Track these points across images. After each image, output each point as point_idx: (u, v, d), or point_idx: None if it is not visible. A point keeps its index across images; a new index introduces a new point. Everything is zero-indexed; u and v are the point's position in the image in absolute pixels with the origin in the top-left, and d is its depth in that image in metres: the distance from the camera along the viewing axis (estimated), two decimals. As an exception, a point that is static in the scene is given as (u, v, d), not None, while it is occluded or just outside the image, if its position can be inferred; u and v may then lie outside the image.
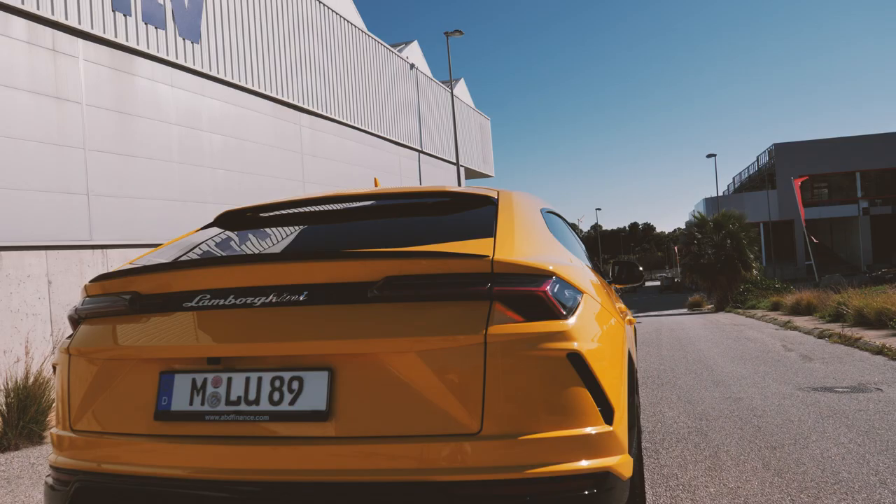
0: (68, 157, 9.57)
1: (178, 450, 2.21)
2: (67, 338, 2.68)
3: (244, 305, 2.23)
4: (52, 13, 9.49)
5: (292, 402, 2.10)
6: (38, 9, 9.27)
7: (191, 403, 2.21)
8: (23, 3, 9.07)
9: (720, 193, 58.39)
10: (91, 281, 2.60)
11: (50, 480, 2.49)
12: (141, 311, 2.41)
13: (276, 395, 2.12)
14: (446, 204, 3.11)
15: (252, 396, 2.15)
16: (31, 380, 6.56)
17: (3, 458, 6.00)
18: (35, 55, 9.27)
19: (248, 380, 2.17)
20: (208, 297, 2.29)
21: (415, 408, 2.04)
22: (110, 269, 2.87)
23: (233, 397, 2.17)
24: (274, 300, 2.21)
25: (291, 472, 2.08)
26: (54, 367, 2.68)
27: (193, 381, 2.23)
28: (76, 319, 2.68)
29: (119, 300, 2.46)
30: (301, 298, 2.20)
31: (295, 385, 2.12)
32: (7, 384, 6.51)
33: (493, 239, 2.34)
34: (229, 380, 2.19)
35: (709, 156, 51.43)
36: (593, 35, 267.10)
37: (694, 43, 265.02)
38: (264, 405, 2.13)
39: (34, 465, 5.62)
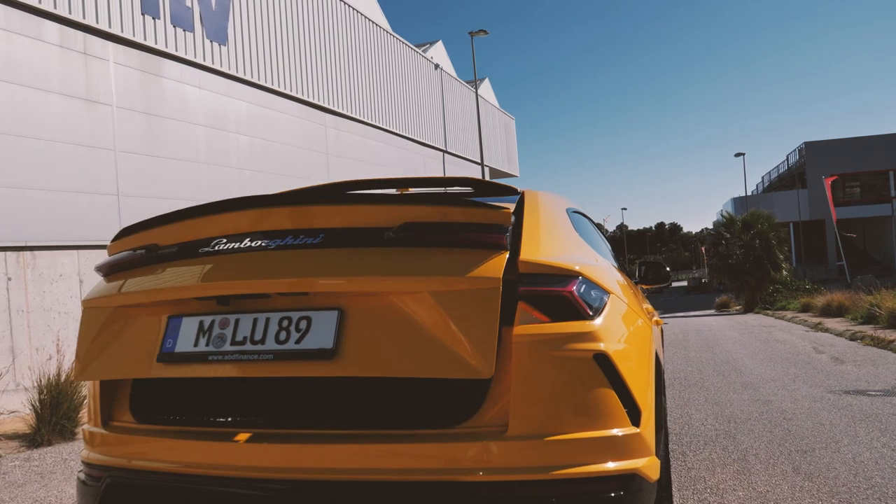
0: (99, 158, 9.72)
1: (207, 447, 2.24)
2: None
3: (260, 248, 2.22)
4: (84, 17, 9.66)
5: (298, 341, 2.08)
6: (69, 13, 9.44)
7: (195, 345, 2.20)
8: (55, 7, 9.24)
9: (749, 193, 57.67)
10: (112, 241, 2.63)
11: (82, 476, 2.53)
12: (157, 261, 2.42)
13: (283, 335, 2.10)
14: (469, 192, 3.11)
15: (258, 336, 2.12)
16: (62, 377, 6.68)
17: (37, 453, 6.11)
18: (67, 59, 9.44)
19: (255, 321, 2.15)
20: (224, 241, 2.29)
21: (424, 349, 2.00)
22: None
23: (238, 337, 2.15)
24: (290, 242, 2.20)
25: (318, 470, 2.09)
26: (86, 365, 2.72)
27: (201, 323, 2.22)
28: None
29: (136, 253, 2.48)
30: (317, 241, 2.19)
31: (303, 325, 2.10)
32: (40, 381, 6.63)
33: (514, 205, 2.25)
34: (237, 321, 2.17)
35: (737, 155, 50.83)
36: (619, 33, 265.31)
37: (722, 41, 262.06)
38: (270, 344, 2.10)
39: (66, 461, 5.72)
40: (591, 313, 2.14)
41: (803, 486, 3.99)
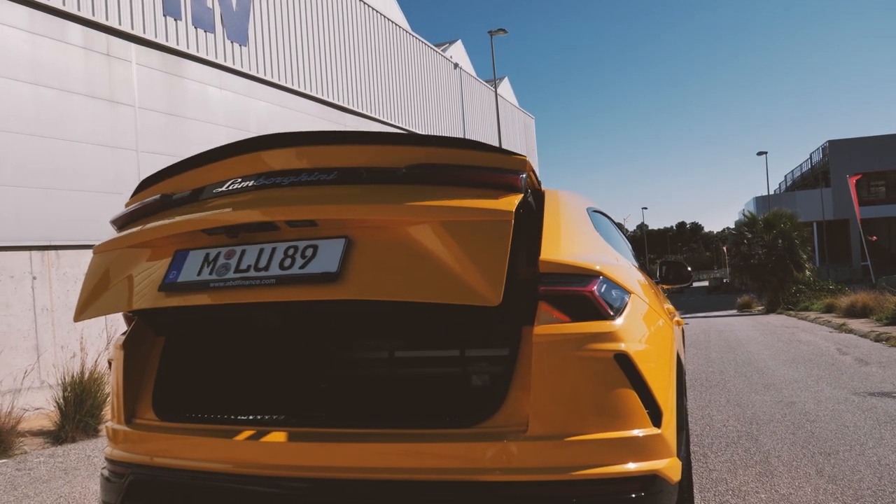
0: (121, 158, 9.84)
1: (228, 445, 2.25)
2: (122, 334, 2.75)
3: (273, 185, 2.21)
4: (107, 18, 9.78)
5: (303, 266, 2.05)
6: (93, 14, 9.56)
7: (199, 274, 2.17)
8: (79, 9, 9.36)
9: (771, 192, 57.02)
10: (130, 196, 2.65)
11: (105, 472, 2.56)
12: (170, 206, 2.43)
13: (288, 262, 2.07)
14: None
15: (263, 264, 2.10)
16: (86, 375, 6.77)
17: (61, 449, 6.20)
18: (90, 60, 9.56)
19: (261, 250, 2.13)
20: (239, 181, 2.29)
21: (431, 275, 1.95)
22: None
23: (243, 266, 2.12)
24: (304, 179, 2.19)
25: (339, 469, 2.10)
26: (109, 363, 2.76)
27: (206, 255, 2.21)
28: (130, 317, 2.76)
29: (149, 202, 2.50)
30: (330, 178, 2.18)
31: (308, 252, 2.07)
32: (64, 379, 6.72)
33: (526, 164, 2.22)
34: (243, 251, 2.15)
35: (759, 153, 50.30)
36: (641, 33, 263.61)
37: (745, 40, 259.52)
38: (273, 270, 2.07)
39: (90, 458, 5.79)
40: (611, 313, 2.13)
41: (827, 489, 3.93)
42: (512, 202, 2.02)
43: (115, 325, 9.09)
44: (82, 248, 9.01)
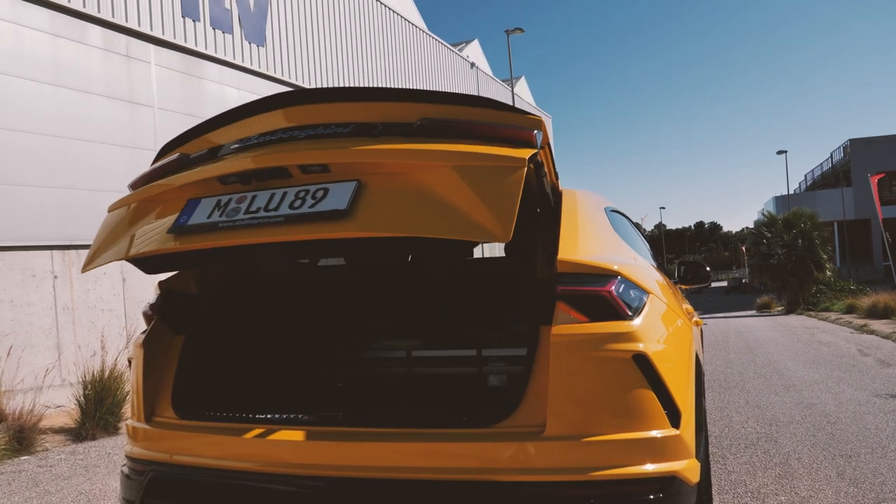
0: (141, 158, 9.92)
1: (246, 443, 2.27)
2: (142, 332, 2.78)
3: (290, 139, 2.23)
4: (126, 20, 9.88)
5: (312, 206, 2.03)
6: (112, 16, 9.66)
7: (208, 217, 2.17)
8: (99, 10, 9.46)
9: (791, 191, 56.41)
10: (151, 163, 2.68)
11: (126, 470, 2.59)
12: (187, 166, 2.44)
13: (298, 203, 2.06)
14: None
15: (273, 205, 2.09)
16: (106, 373, 6.84)
17: (82, 447, 6.27)
18: (110, 61, 9.66)
19: (272, 194, 2.12)
20: (256, 137, 2.31)
21: (441, 213, 1.93)
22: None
23: (253, 208, 2.12)
24: (321, 132, 2.21)
25: (357, 468, 2.10)
26: (129, 362, 2.78)
27: (218, 201, 2.21)
28: (150, 316, 2.78)
29: (167, 163, 2.51)
30: (346, 130, 2.19)
31: (319, 194, 2.06)
32: (84, 377, 6.80)
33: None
34: (254, 196, 2.15)
35: (779, 152, 49.73)
36: (657, 30, 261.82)
37: (763, 36, 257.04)
38: (283, 210, 2.06)
39: (110, 455, 5.85)
40: (630, 313, 2.12)
41: (848, 492, 3.89)
42: (526, 152, 2.01)
43: (135, 324, 9.18)
44: (102, 248, 9.11)
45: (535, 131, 2.09)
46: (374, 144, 2.10)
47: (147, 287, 9.48)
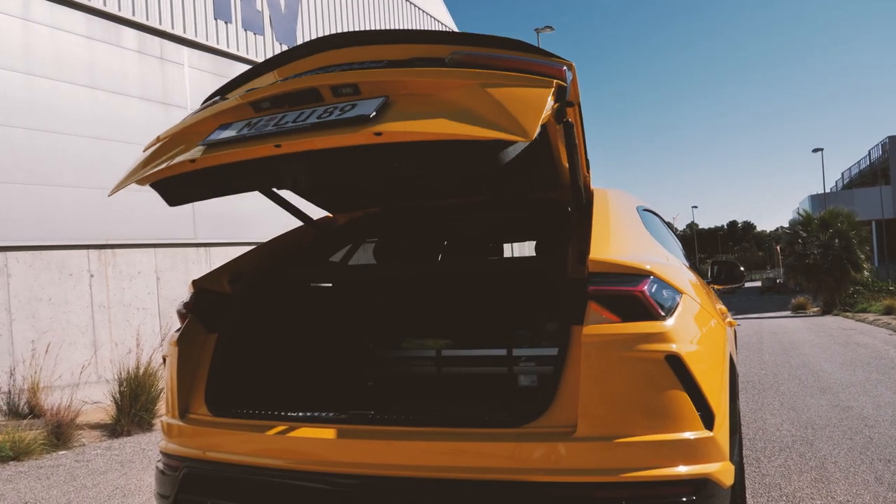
0: (175, 159, 10.08)
1: (278, 441, 2.29)
2: (176, 330, 2.82)
3: (324, 71, 2.28)
4: (160, 23, 10.03)
5: (340, 114, 2.06)
6: (147, 19, 9.82)
7: (238, 132, 2.20)
8: (133, 14, 9.63)
9: (828, 190, 55.35)
10: None
11: (160, 466, 2.62)
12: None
13: (326, 115, 2.09)
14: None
15: (302, 119, 2.12)
16: (141, 370, 6.96)
17: (117, 442, 6.38)
18: (145, 63, 9.82)
19: (301, 112, 2.15)
20: (293, 76, 2.35)
21: (467, 115, 1.94)
22: (213, 269, 3.00)
23: (282, 122, 2.15)
24: (356, 67, 2.25)
25: (387, 466, 2.11)
26: (164, 359, 2.83)
27: (249, 121, 2.24)
28: (183, 314, 2.82)
29: (205, 105, 2.56)
30: (381, 64, 2.23)
31: (347, 108, 2.08)
32: (120, 374, 6.92)
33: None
34: (284, 115, 2.18)
35: (815, 150, 48.89)
36: (690, 24, 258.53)
37: (800, 32, 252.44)
38: (311, 121, 2.09)
39: (144, 451, 5.95)
40: (662, 313, 2.09)
41: (887, 497, 3.80)
42: (554, 81, 2.02)
43: (169, 322, 9.32)
44: (138, 247, 9.26)
45: (565, 68, 2.10)
46: (405, 71, 2.16)
47: (180, 287, 9.63)
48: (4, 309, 7.76)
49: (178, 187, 2.52)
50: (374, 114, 1.99)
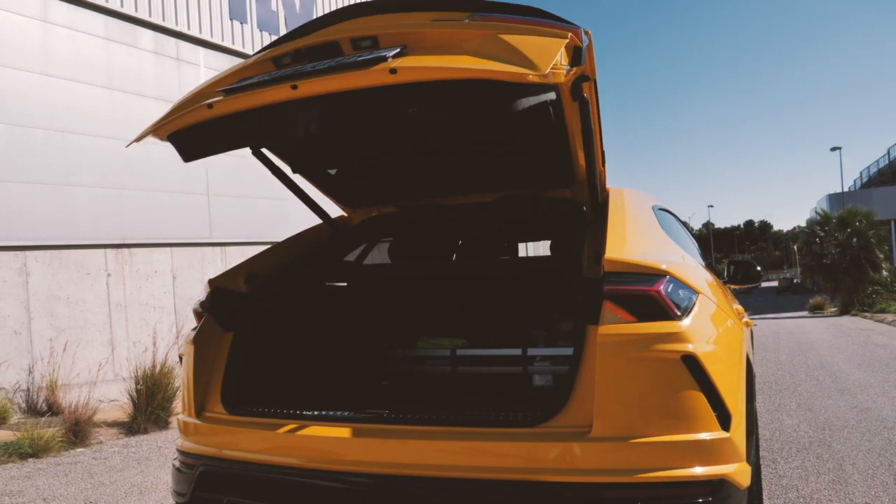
0: (191, 159, 10.14)
1: (293, 439, 2.30)
2: (192, 329, 2.84)
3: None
4: (176, 24, 10.11)
5: (356, 58, 2.10)
6: (163, 20, 9.90)
7: (258, 78, 2.26)
8: (150, 15, 9.70)
9: (846, 189, 54.77)
10: None
11: (177, 463, 2.64)
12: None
13: (345, 60, 2.13)
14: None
15: (322, 64, 2.15)
16: (157, 369, 7.01)
17: (134, 440, 6.44)
18: (161, 64, 9.89)
19: (320, 63, 2.18)
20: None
21: (483, 56, 1.98)
22: (229, 268, 3.02)
23: (302, 67, 2.19)
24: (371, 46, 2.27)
25: (402, 465, 2.11)
26: (180, 358, 2.84)
27: (269, 73, 2.28)
28: (200, 313, 2.84)
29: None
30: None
31: (367, 55, 2.11)
32: (137, 372, 6.98)
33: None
34: (302, 66, 2.22)
35: (833, 149, 48.37)
36: (705, 21, 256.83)
37: (817, 28, 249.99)
38: (328, 64, 2.13)
39: (161, 449, 5.99)
40: (678, 313, 2.08)
41: (907, 500, 3.76)
42: (569, 34, 2.05)
43: (185, 321, 9.38)
44: (154, 247, 9.33)
45: (582, 31, 2.12)
46: (422, 22, 2.21)
47: (196, 286, 9.69)
48: (23, 307, 7.85)
49: (193, 138, 2.54)
50: (390, 56, 2.03)
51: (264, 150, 3.17)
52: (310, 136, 2.56)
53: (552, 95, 2.16)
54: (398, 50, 2.06)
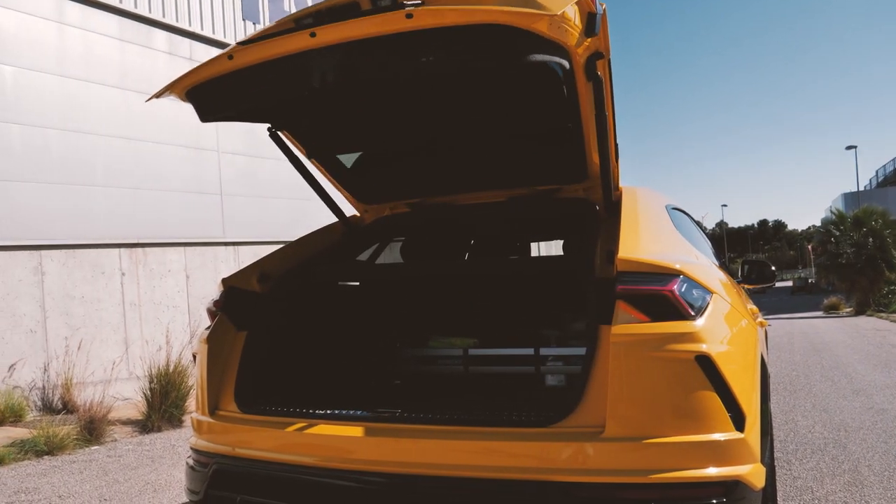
0: (203, 159, 10.20)
1: (306, 438, 2.30)
2: (206, 328, 2.85)
3: None
4: (189, 24, 10.17)
5: (374, 7, 2.13)
6: (177, 21, 9.96)
7: (276, 32, 2.30)
8: (164, 16, 9.76)
9: (861, 188, 54.32)
10: None
11: (191, 462, 2.66)
12: None
13: (364, 9, 2.15)
14: None
15: (344, 18, 2.18)
16: (171, 367, 7.05)
17: (148, 438, 6.48)
18: (174, 64, 9.94)
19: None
20: None
21: (499, 2, 2.02)
22: (242, 267, 3.03)
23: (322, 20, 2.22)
24: None
25: (415, 465, 2.12)
26: (194, 357, 2.86)
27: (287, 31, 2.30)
28: (213, 312, 2.86)
29: None
30: None
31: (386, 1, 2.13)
32: (150, 371, 7.02)
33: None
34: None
35: (848, 147, 47.99)
36: (722, 19, 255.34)
37: (831, 26, 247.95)
38: (352, 15, 2.15)
39: (174, 447, 6.03)
40: (692, 313, 2.07)
41: (924, 502, 3.72)
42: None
43: (198, 320, 9.44)
44: (167, 246, 9.39)
45: (597, 2, 2.12)
46: None
47: (209, 285, 9.74)
48: (39, 306, 7.92)
49: (212, 94, 2.55)
50: (409, 5, 2.06)
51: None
52: (327, 95, 2.57)
53: (565, 63, 2.16)
54: (418, 1, 2.08)
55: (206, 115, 2.64)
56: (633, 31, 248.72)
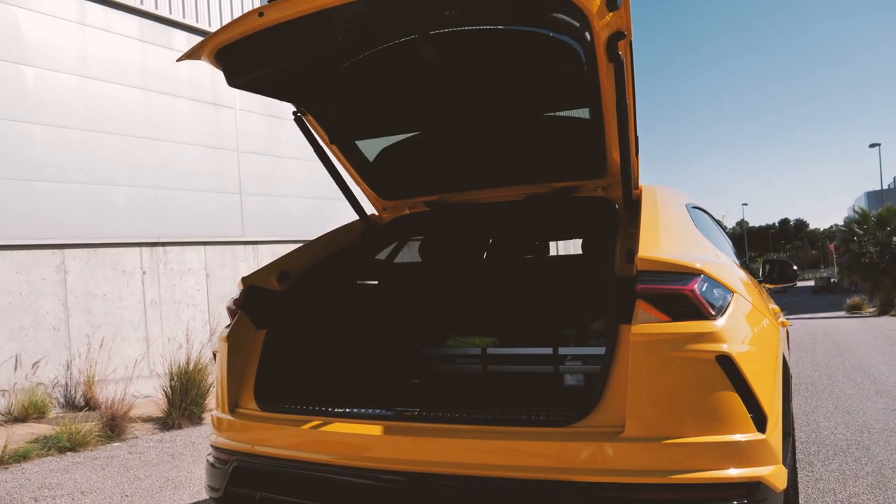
0: (223, 158, 10.27)
1: (325, 436, 2.31)
2: (226, 327, 2.87)
3: None
4: (209, 25, 10.24)
5: None
6: (197, 21, 10.04)
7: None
8: (184, 17, 9.85)
9: (885, 186, 53.56)
10: None
11: (211, 459, 2.68)
12: None
13: None
14: None
15: None
16: (191, 365, 7.11)
17: (168, 435, 6.54)
18: (194, 64, 10.01)
19: None
20: None
21: None
22: (261, 266, 3.04)
23: None
24: None
25: (434, 463, 2.11)
26: (214, 355, 2.88)
27: None
28: (233, 310, 2.88)
29: None
30: None
31: None
32: (171, 369, 7.09)
33: None
34: None
35: (872, 145, 47.35)
36: (742, 14, 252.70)
37: (854, 22, 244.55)
38: None
39: (194, 444, 6.08)
40: (713, 313, 2.05)
41: (949, 505, 3.66)
42: None
43: (218, 318, 9.50)
44: (187, 245, 9.48)
45: None
46: None
47: (229, 283, 9.82)
48: (62, 304, 8.02)
49: (241, 54, 2.57)
50: None
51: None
52: (352, 72, 2.61)
53: (586, 35, 2.14)
54: None
55: (234, 76, 2.66)
56: (662, 30, 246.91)
